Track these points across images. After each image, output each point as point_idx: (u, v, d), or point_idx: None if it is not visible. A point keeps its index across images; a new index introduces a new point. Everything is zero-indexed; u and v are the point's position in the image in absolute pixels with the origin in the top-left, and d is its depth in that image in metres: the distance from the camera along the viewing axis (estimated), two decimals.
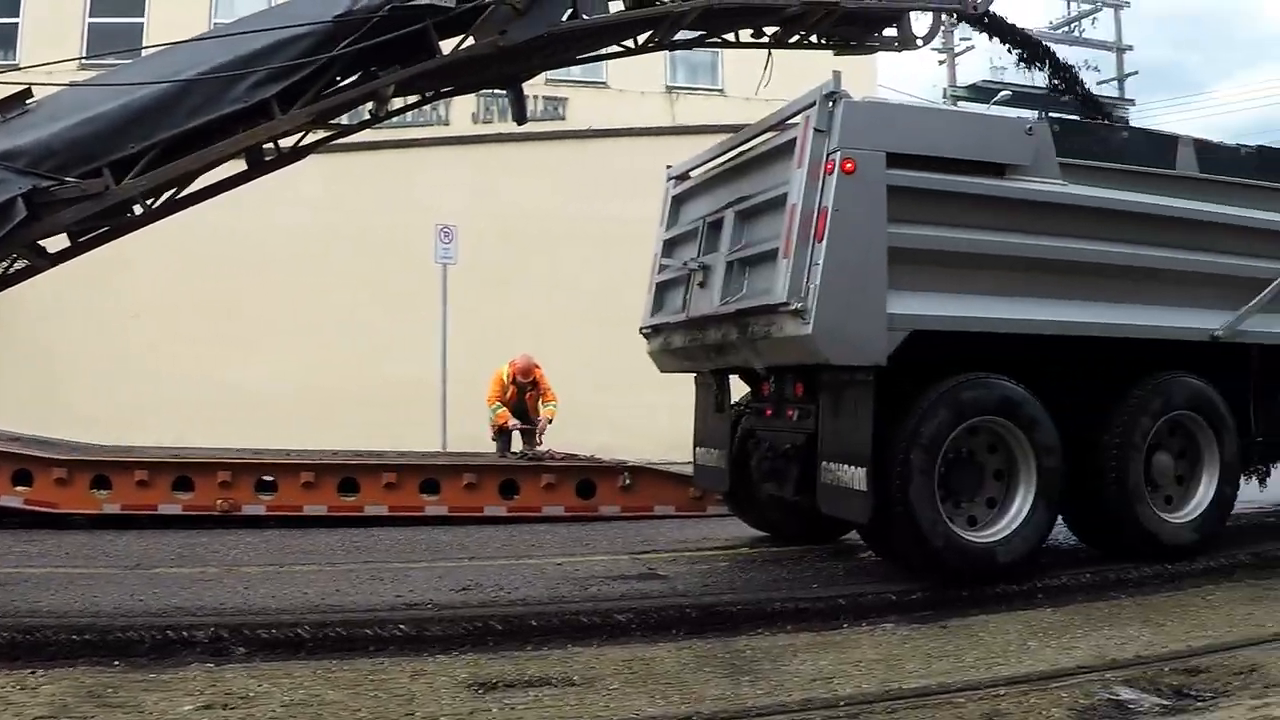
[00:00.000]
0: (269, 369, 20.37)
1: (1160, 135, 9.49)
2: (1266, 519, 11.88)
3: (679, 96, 23.25)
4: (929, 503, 7.76)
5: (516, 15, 8.08)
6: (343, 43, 7.85)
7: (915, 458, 7.73)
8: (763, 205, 8.53)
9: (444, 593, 7.99)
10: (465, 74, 8.80)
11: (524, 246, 21.35)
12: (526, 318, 20.38)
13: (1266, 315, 9.32)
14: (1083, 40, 34.44)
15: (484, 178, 21.55)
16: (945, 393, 7.92)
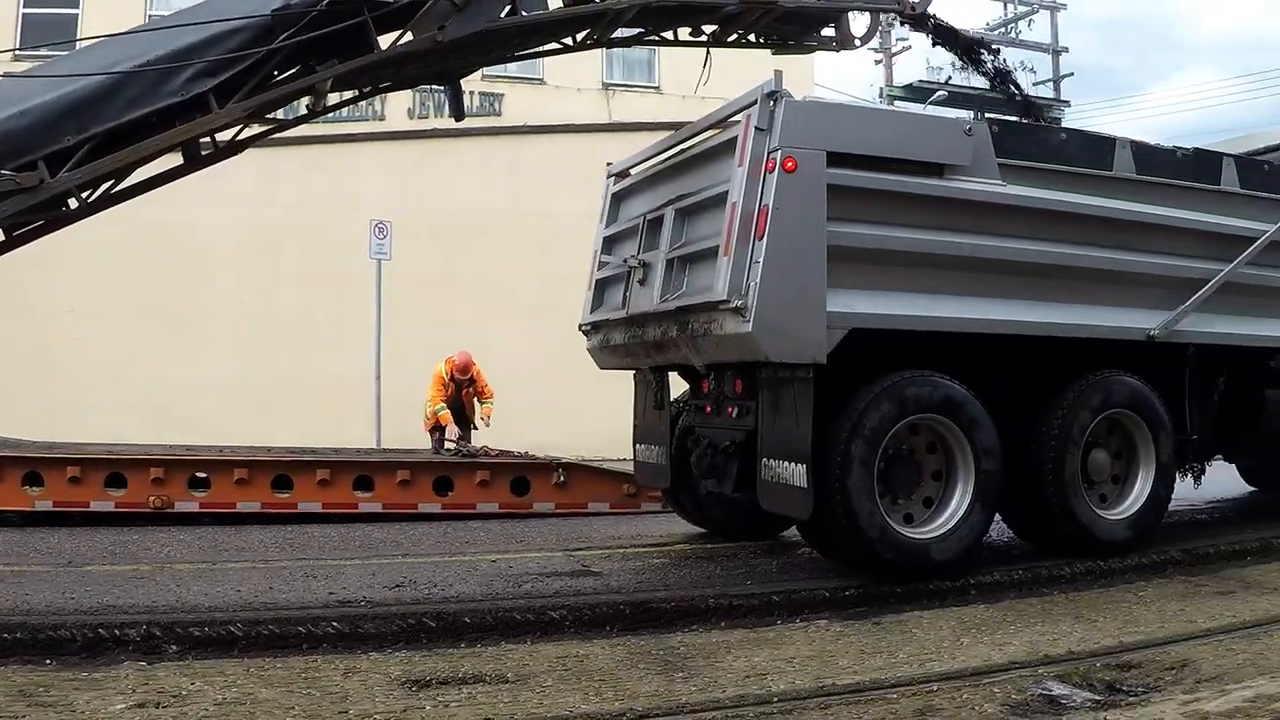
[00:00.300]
0: (203, 365, 20.28)
1: (1098, 137, 9.62)
2: (1199, 516, 12.10)
3: (615, 93, 23.31)
4: (867, 494, 7.87)
5: (455, 11, 8.11)
6: (280, 36, 7.85)
7: (856, 448, 7.84)
8: (703, 203, 8.60)
9: (377, 590, 8.02)
10: (403, 69, 8.81)
11: (459, 242, 21.38)
12: (461, 314, 20.42)
13: (1202, 315, 9.54)
14: (1019, 42, 34.81)
15: (420, 173, 21.55)
16: (890, 386, 8.05)
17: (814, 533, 8.65)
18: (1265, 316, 10.22)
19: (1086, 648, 6.43)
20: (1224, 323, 9.82)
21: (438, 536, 11.34)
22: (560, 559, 9.65)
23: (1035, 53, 34.59)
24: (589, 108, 22.87)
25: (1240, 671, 5.79)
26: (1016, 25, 35.91)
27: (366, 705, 5.31)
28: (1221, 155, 10.24)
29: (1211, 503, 12.99)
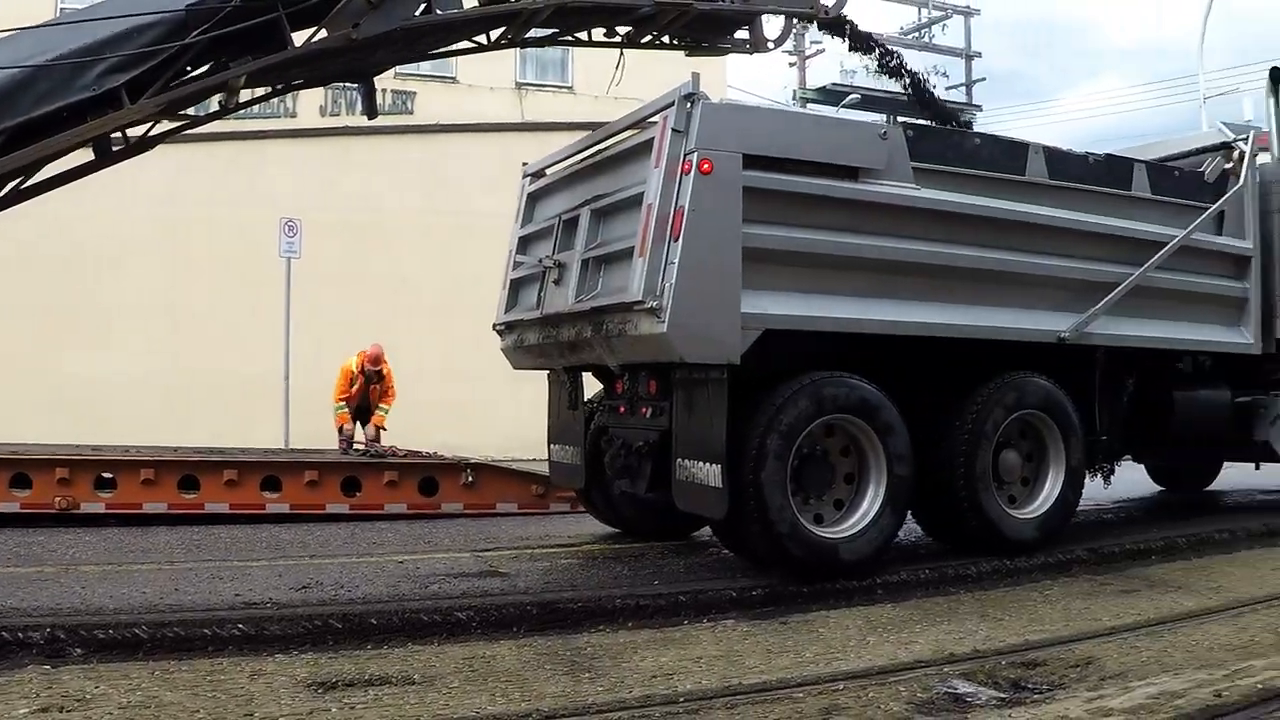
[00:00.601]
0: (110, 363, 20.09)
1: (1011, 142, 9.84)
2: (1105, 515, 12.40)
3: (528, 93, 23.34)
4: (780, 489, 7.96)
5: (370, 8, 8.08)
6: (194, 32, 7.77)
7: (771, 443, 7.93)
8: (619, 204, 8.68)
9: (284, 591, 8.00)
10: (317, 66, 8.77)
11: (370, 241, 21.34)
12: (372, 313, 20.39)
13: (1111, 318, 9.79)
14: (933, 46, 35.26)
15: (331, 171, 21.47)
16: (809, 385, 8.16)
17: (727, 531, 8.74)
18: (1173, 319, 10.51)
19: (992, 646, 6.53)
20: (1133, 325, 10.08)
21: (345, 537, 11.29)
22: (468, 560, 9.66)
23: (949, 57, 35.07)
24: (502, 107, 22.88)
25: (1144, 668, 5.93)
26: (930, 30, 36.38)
27: (272, 708, 5.30)
28: (1133, 161, 10.51)
29: (1118, 502, 13.34)
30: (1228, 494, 14.78)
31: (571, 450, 10.44)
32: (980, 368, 9.28)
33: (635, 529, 10.86)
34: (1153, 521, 12.08)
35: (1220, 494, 14.83)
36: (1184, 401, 10.96)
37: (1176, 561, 9.66)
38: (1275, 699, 5.32)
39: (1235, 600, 7.83)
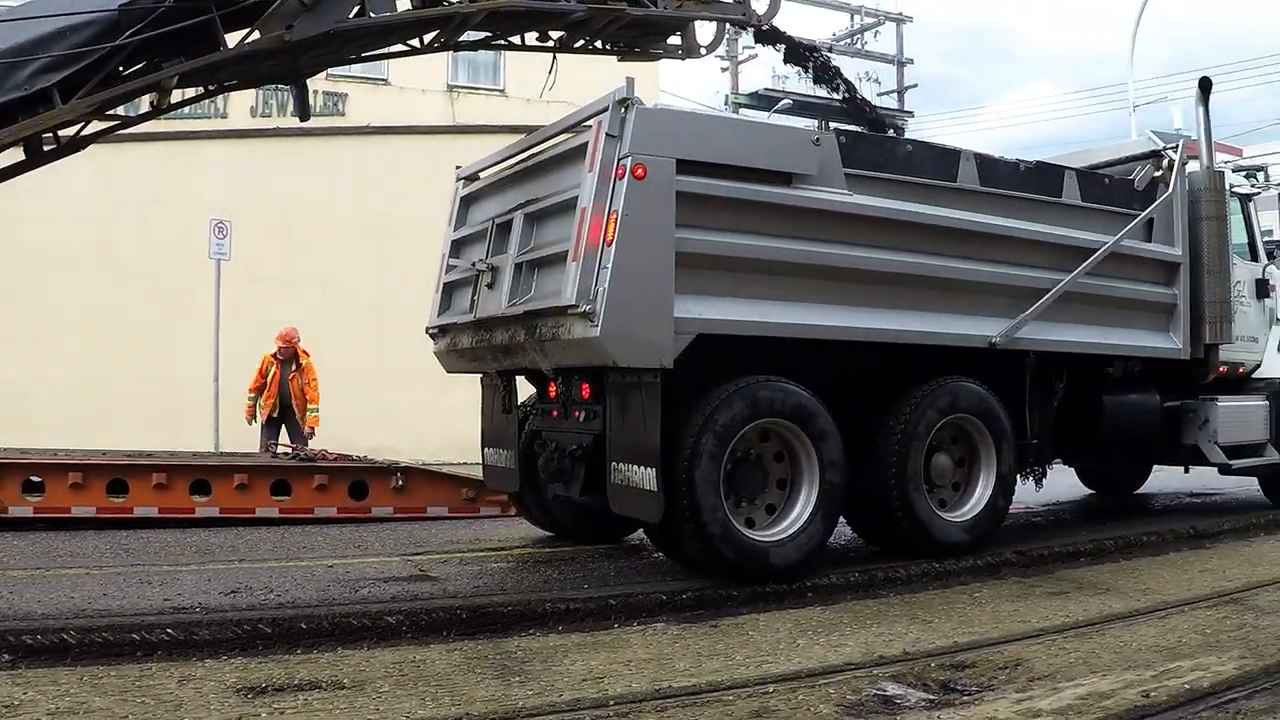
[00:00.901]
0: (39, 365, 19.87)
1: (943, 149, 9.97)
2: (1034, 518, 12.63)
3: (460, 95, 23.32)
4: (713, 489, 8.07)
5: (303, 10, 8.07)
6: (127, 32, 7.75)
7: (706, 443, 8.04)
8: (553, 208, 8.75)
9: (213, 596, 7.98)
10: (250, 68, 8.74)
11: (301, 243, 21.23)
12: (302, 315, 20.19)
13: (1042, 323, 9.99)
14: (865, 52, 35.68)
15: (262, 172, 21.35)
16: (745, 387, 8.28)
17: (660, 534, 8.83)
18: (1103, 325, 10.73)
19: (921, 648, 6.64)
20: (1063, 330, 10.29)
21: (275, 541, 11.28)
22: (398, 564, 9.69)
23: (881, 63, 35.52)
24: (434, 109, 22.85)
25: (1072, 669, 6.06)
26: (863, 36, 36.79)
27: (201, 713, 5.31)
28: (1063, 169, 10.70)
29: (1047, 505, 13.59)
30: (1156, 497, 15.07)
31: (505, 454, 10.48)
32: (913, 372, 9.45)
33: (569, 532, 10.92)
34: (1082, 524, 12.28)
35: (1149, 497, 15.11)
36: (1114, 406, 11.20)
37: (1105, 564, 9.83)
38: (1202, 699, 5.46)
39: (1163, 602, 7.98)
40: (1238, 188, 12.94)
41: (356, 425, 18.90)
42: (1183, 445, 12.09)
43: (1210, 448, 11.89)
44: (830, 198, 8.77)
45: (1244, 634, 6.90)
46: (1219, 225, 11.67)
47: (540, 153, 9.33)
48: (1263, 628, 7.07)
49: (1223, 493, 15.14)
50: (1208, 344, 11.60)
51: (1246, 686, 5.68)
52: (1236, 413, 12.16)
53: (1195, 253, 11.50)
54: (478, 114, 22.87)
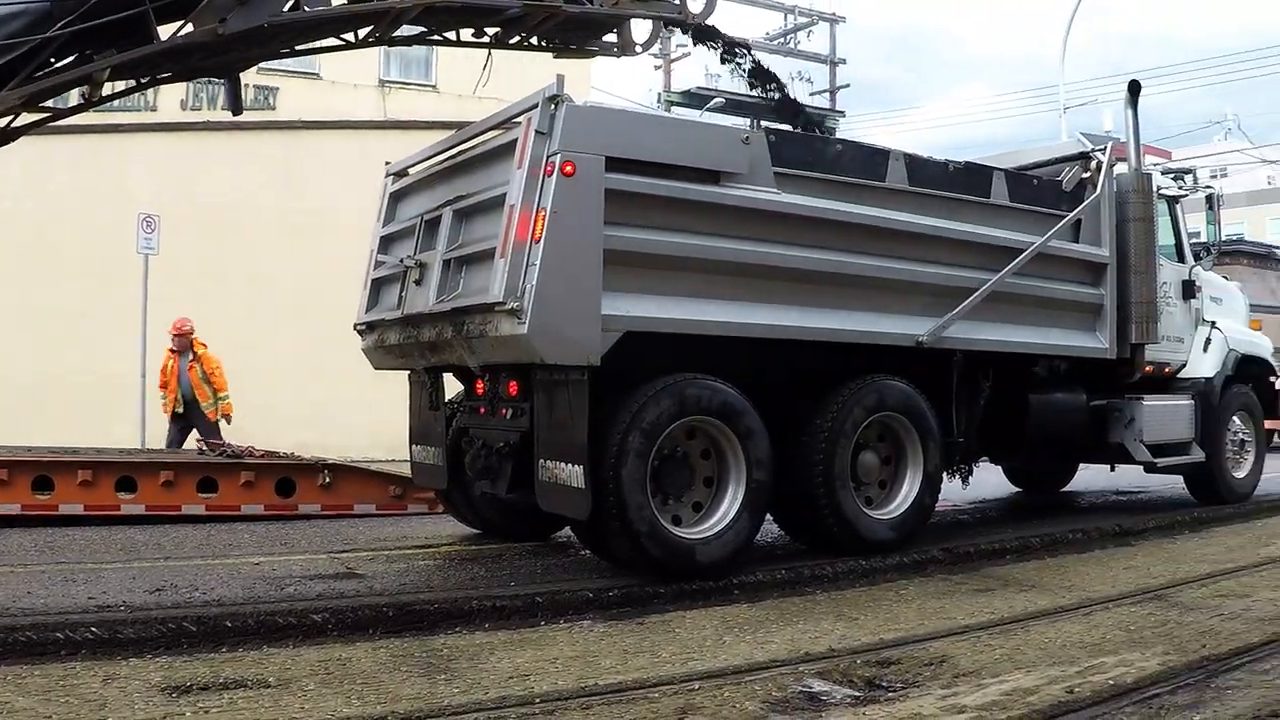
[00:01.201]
0: None
1: (872, 149, 10.11)
2: (961, 516, 12.79)
3: (391, 91, 23.24)
4: (639, 486, 8.14)
5: (237, 4, 8.08)
6: (59, 23, 7.72)
7: (633, 440, 8.10)
8: (482, 204, 8.78)
9: (138, 594, 7.95)
10: (182, 61, 8.72)
11: (230, 238, 21.07)
12: (231, 311, 20.19)
13: (969, 322, 10.14)
14: (798, 52, 35.99)
15: (192, 166, 21.19)
16: (672, 385, 8.35)
17: (587, 531, 8.88)
18: (1030, 324, 10.91)
19: (847, 645, 6.68)
20: (990, 330, 10.45)
21: (201, 539, 11.21)
22: (324, 561, 9.67)
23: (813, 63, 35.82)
24: (365, 104, 22.77)
25: (997, 666, 6.14)
26: (796, 36, 37.12)
27: (126, 713, 5.30)
28: (992, 169, 10.88)
29: (974, 503, 13.76)
30: (1083, 495, 15.27)
31: (433, 451, 10.50)
32: (841, 370, 9.56)
33: (496, 530, 10.96)
34: (1008, 522, 12.48)
35: (1076, 495, 15.30)
36: (1040, 404, 11.37)
37: (1031, 561, 9.94)
38: (1126, 695, 5.54)
39: (1088, 598, 8.10)
40: (1165, 190, 13.22)
41: (284, 422, 18.89)
42: (1109, 444, 12.31)
43: (1136, 446, 12.12)
44: (759, 196, 8.85)
45: (1168, 630, 7.00)
46: (1146, 227, 11.86)
47: (470, 149, 9.35)
48: (1186, 624, 7.17)
49: (1148, 491, 15.40)
50: (1134, 344, 11.79)
51: (1170, 682, 5.77)
52: (1162, 412, 12.41)
53: (1122, 254, 11.70)
54: (409, 109, 22.81)
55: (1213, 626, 7.09)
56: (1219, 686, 5.70)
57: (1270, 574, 9.14)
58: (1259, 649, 6.51)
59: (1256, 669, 6.05)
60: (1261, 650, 6.47)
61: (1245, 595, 8.13)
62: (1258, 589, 8.41)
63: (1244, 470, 13.82)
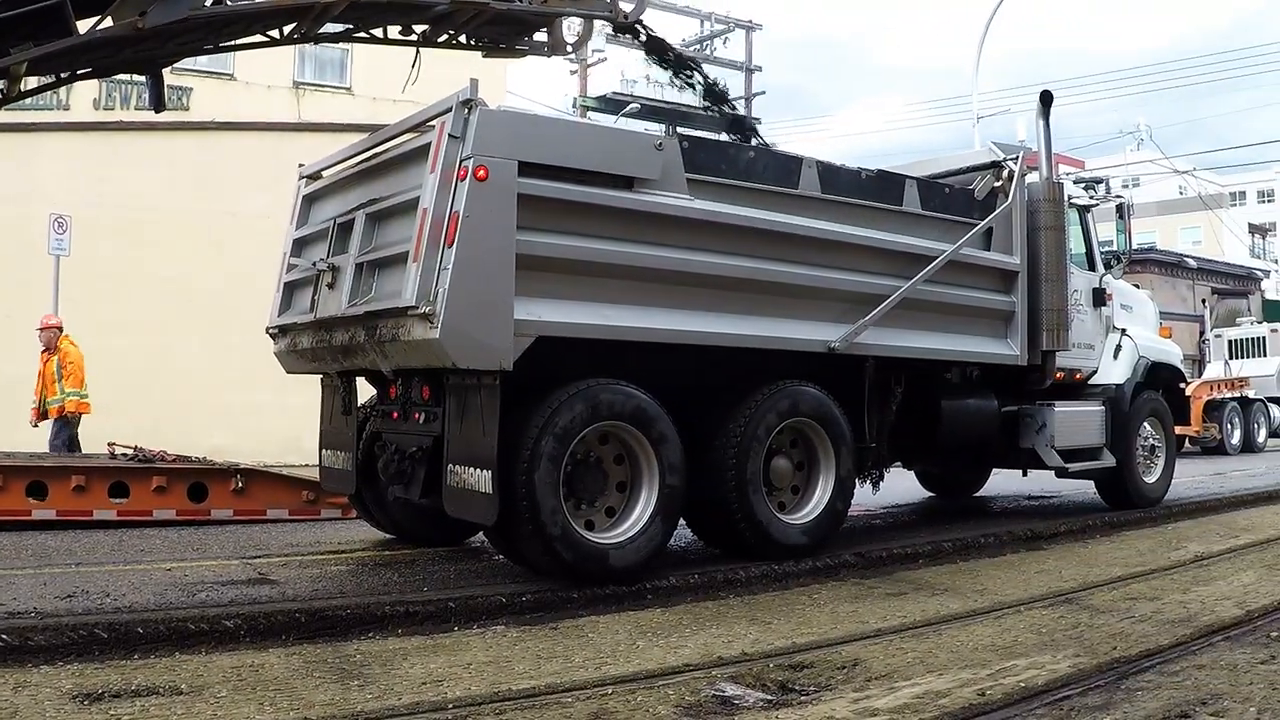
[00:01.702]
0: None
1: (785, 156, 10.23)
2: (874, 521, 12.97)
3: (306, 92, 23.13)
4: (552, 490, 8.18)
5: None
6: None
7: (546, 444, 8.15)
8: (395, 208, 8.79)
9: (49, 600, 7.87)
10: (104, 56, 8.65)
11: (143, 240, 20.87)
12: (142, 313, 20.02)
13: (881, 329, 10.31)
14: (714, 59, 36.27)
15: (104, 167, 20.95)
16: (586, 389, 8.42)
17: (499, 536, 8.93)
18: (942, 331, 11.12)
19: (760, 649, 6.77)
20: (902, 336, 10.63)
21: (113, 545, 11.13)
22: (237, 567, 9.66)
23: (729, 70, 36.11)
24: (279, 106, 22.64)
25: (909, 669, 6.24)
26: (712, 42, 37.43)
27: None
28: (904, 177, 11.05)
29: (887, 508, 13.96)
30: (995, 499, 15.55)
31: (343, 455, 10.52)
32: (754, 376, 9.66)
33: (410, 535, 10.99)
34: (921, 526, 12.63)
35: (988, 499, 15.58)
36: (952, 410, 11.56)
37: (943, 565, 10.10)
38: (1037, 697, 5.66)
39: (1000, 602, 8.24)
40: (1076, 199, 13.49)
41: (197, 426, 18.73)
42: (1021, 449, 12.56)
43: (1047, 452, 12.37)
44: (671, 202, 8.95)
45: (1079, 633, 7.13)
46: (1057, 235, 12.13)
47: (383, 152, 9.37)
48: (1097, 626, 7.32)
49: (1060, 495, 15.74)
50: (1045, 351, 12.04)
51: (1080, 684, 5.89)
52: (1073, 418, 12.67)
53: (1033, 261, 11.94)
54: (324, 111, 22.72)
55: (1123, 629, 7.24)
56: (1129, 688, 5.83)
57: (1179, 577, 9.34)
58: (1168, 651, 6.65)
59: (1166, 670, 6.19)
60: (1171, 652, 6.62)
61: (1155, 598, 8.30)
62: (1167, 592, 8.60)
63: (1154, 475, 14.13)
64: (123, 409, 18.35)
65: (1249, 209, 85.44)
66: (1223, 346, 35.19)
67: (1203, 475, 20.23)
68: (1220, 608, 7.91)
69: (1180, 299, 44.51)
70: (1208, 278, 48.62)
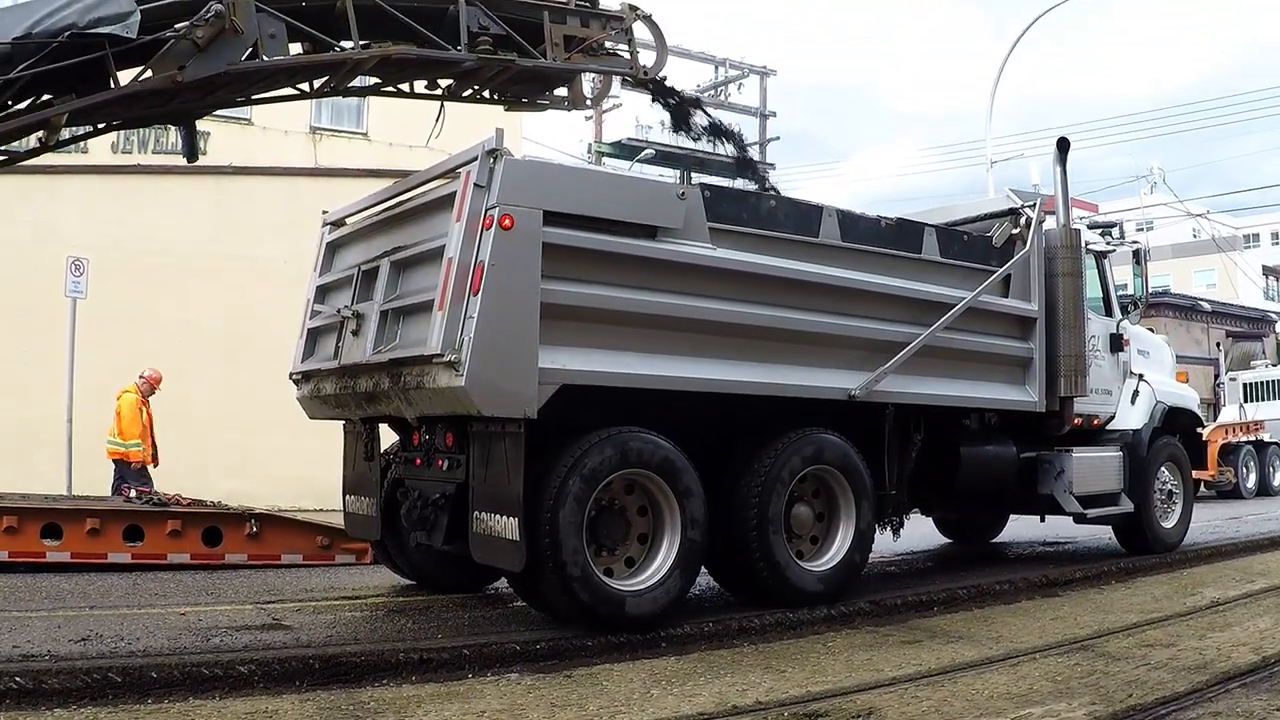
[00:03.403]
0: None
1: (806, 205, 10.30)
2: (889, 568, 12.94)
3: (323, 138, 23.21)
4: (575, 530, 8.21)
5: (196, 51, 8.19)
6: (19, 66, 7.79)
7: (573, 484, 8.21)
8: (420, 256, 8.89)
9: (63, 643, 7.92)
10: (140, 107, 8.77)
11: (159, 283, 20.93)
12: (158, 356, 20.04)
13: (901, 376, 10.34)
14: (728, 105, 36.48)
15: (121, 210, 21.04)
16: (616, 435, 8.50)
17: (521, 582, 8.94)
18: (961, 378, 11.15)
19: (774, 697, 6.75)
20: (922, 383, 10.66)
21: (127, 588, 11.20)
22: (251, 612, 9.68)
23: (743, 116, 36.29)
24: (295, 151, 22.70)
25: (924, 717, 6.25)
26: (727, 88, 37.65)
27: None
28: (923, 225, 11.11)
29: (901, 555, 13.91)
30: (1011, 546, 15.53)
31: (367, 501, 10.56)
32: (775, 423, 9.70)
33: (431, 581, 11.03)
34: (936, 573, 12.63)
35: (1004, 546, 15.56)
36: (971, 457, 11.57)
37: (958, 612, 10.07)
38: None
39: (1015, 650, 8.20)
40: (1094, 245, 13.54)
41: (212, 470, 18.81)
42: (1039, 495, 12.55)
43: (1066, 498, 12.37)
44: (694, 251, 9.03)
45: (1094, 680, 7.12)
46: (1075, 281, 12.15)
47: (407, 200, 9.46)
48: (1113, 673, 7.30)
49: (1076, 541, 15.68)
50: (1063, 397, 12.03)
51: None
52: (1091, 463, 12.67)
53: (1051, 308, 11.97)
54: (340, 157, 22.82)
55: (1139, 676, 7.22)
56: None
57: (1195, 623, 9.30)
58: (1185, 698, 6.64)
59: (1182, 718, 6.20)
60: (1187, 699, 6.61)
61: (1171, 644, 8.28)
62: (1183, 638, 8.56)
63: (1172, 520, 14.14)
64: None
65: (1263, 251, 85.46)
66: (1237, 390, 35.17)
67: (1218, 519, 20.16)
68: (1237, 654, 7.89)
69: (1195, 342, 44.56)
70: (1222, 321, 48.72)
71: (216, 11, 8.22)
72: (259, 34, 8.53)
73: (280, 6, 8.68)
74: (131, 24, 8.04)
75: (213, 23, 8.22)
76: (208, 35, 8.20)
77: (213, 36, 8.24)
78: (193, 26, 8.21)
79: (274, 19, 8.61)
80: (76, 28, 7.91)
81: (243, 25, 8.38)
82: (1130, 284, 15.12)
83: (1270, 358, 40.59)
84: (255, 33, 8.50)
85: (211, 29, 8.22)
